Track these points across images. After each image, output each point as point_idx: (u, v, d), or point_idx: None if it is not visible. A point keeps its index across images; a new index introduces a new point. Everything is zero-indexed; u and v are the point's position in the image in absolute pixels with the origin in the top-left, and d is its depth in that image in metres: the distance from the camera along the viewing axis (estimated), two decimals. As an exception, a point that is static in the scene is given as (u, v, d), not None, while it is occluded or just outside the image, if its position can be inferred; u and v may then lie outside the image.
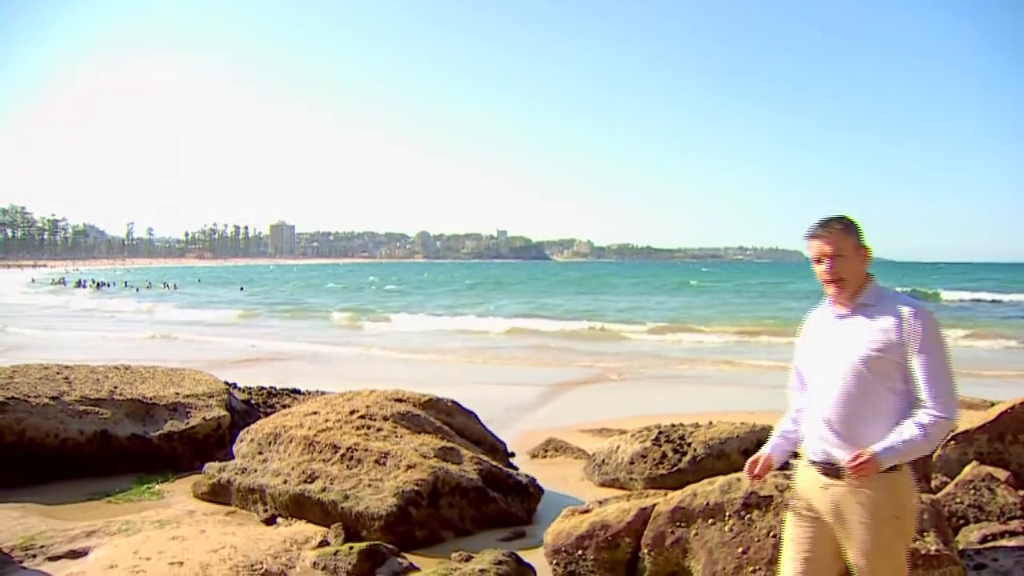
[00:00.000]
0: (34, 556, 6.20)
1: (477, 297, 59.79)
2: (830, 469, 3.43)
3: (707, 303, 50.72)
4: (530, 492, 7.45)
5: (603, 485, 8.44)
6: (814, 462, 3.51)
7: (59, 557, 6.20)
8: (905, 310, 3.38)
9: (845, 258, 3.46)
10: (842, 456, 3.37)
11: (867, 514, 3.35)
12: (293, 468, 7.19)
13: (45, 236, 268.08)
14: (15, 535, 6.65)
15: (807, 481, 3.56)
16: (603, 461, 8.63)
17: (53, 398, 8.70)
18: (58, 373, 9.87)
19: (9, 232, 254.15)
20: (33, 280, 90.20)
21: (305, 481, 7.03)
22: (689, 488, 5.05)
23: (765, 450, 3.76)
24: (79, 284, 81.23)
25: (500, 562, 5.39)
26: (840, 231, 3.48)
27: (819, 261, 3.51)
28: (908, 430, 3.29)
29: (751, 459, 3.72)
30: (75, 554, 6.25)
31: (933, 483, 6.15)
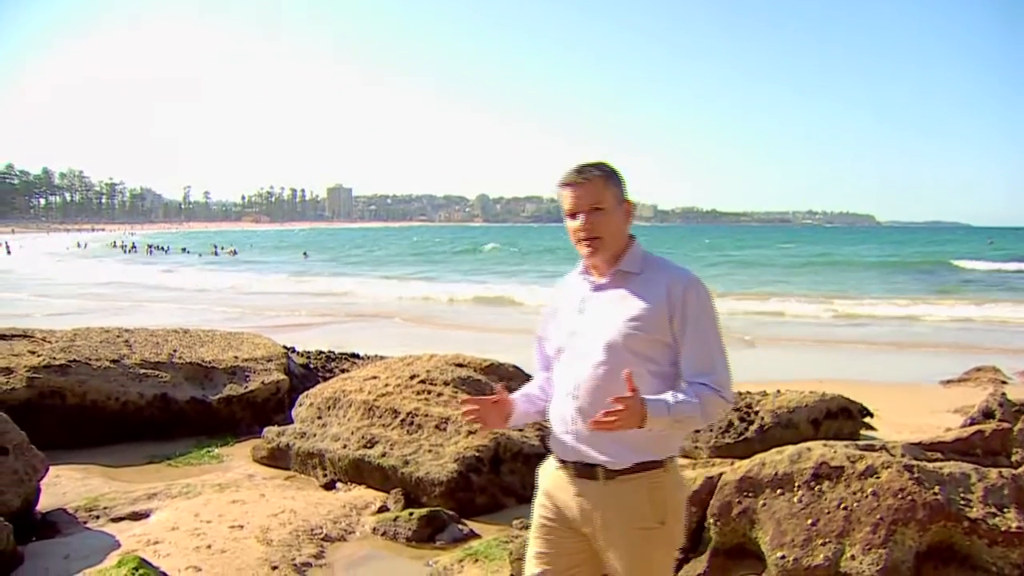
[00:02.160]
0: (97, 517, 6.36)
1: (534, 263, 59.46)
2: (583, 469, 2.96)
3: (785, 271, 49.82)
4: (593, 459, 7.44)
5: (667, 453, 8.40)
6: (564, 462, 3.04)
7: (122, 518, 6.35)
8: (673, 279, 2.95)
9: (605, 212, 2.95)
10: (597, 455, 2.92)
11: (627, 520, 2.92)
12: (352, 433, 7.26)
13: (103, 200, 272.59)
14: (79, 496, 6.81)
15: (556, 485, 3.08)
16: (667, 429, 8.59)
17: (114, 361, 8.87)
18: (118, 336, 10.06)
19: (68, 196, 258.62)
20: (80, 245, 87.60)
21: (365, 446, 7.10)
22: (757, 457, 5.00)
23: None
24: (128, 248, 79.95)
25: (562, 530, 5.39)
26: (600, 179, 2.96)
27: (573, 215, 2.96)
28: (683, 393, 2.83)
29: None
30: (137, 516, 6.40)
31: (1014, 457, 6.04)
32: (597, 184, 2.95)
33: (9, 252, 66.96)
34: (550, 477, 3.12)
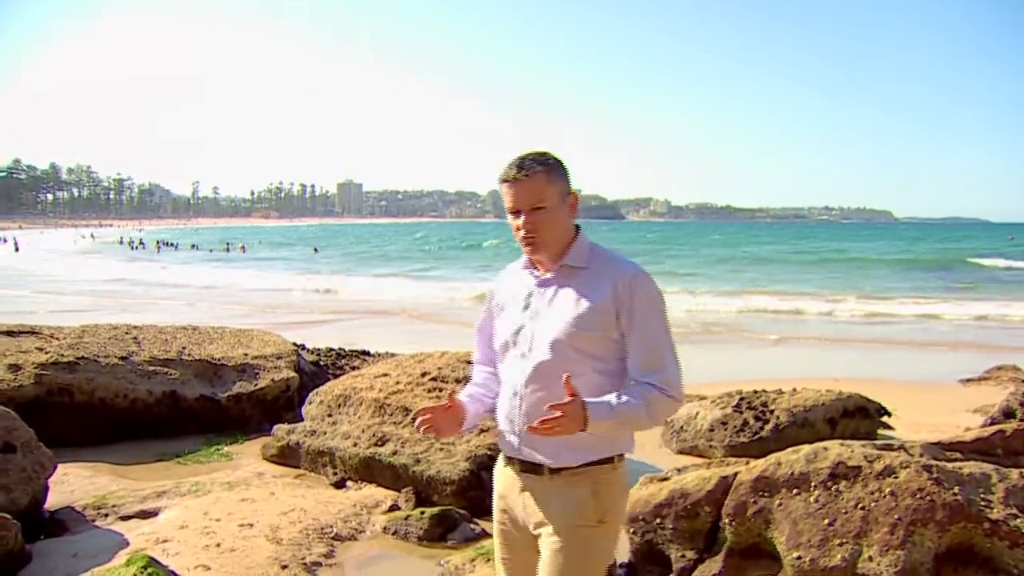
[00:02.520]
0: (106, 515, 6.37)
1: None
2: (528, 467, 2.95)
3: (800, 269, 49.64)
4: (606, 458, 7.42)
5: (681, 452, 8.40)
6: (510, 459, 3.04)
7: (130, 517, 6.36)
8: (620, 273, 2.87)
9: (548, 211, 2.84)
10: (542, 456, 2.90)
11: (566, 516, 2.88)
12: (363, 431, 7.27)
13: (111, 195, 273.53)
14: (87, 494, 6.83)
15: (505, 485, 3.08)
16: (681, 428, 8.58)
17: (122, 358, 8.90)
18: (127, 333, 10.08)
19: (75, 192, 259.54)
20: (85, 236, 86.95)
21: (375, 444, 7.10)
22: (772, 457, 4.98)
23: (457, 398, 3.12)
24: (135, 245, 79.50)
25: (575, 529, 5.39)
26: (542, 175, 2.83)
27: (515, 213, 2.85)
28: (627, 394, 2.77)
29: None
30: (146, 514, 6.41)
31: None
32: (539, 180, 2.82)
33: (17, 249, 66.90)
34: (500, 477, 3.13)
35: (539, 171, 2.82)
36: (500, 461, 3.14)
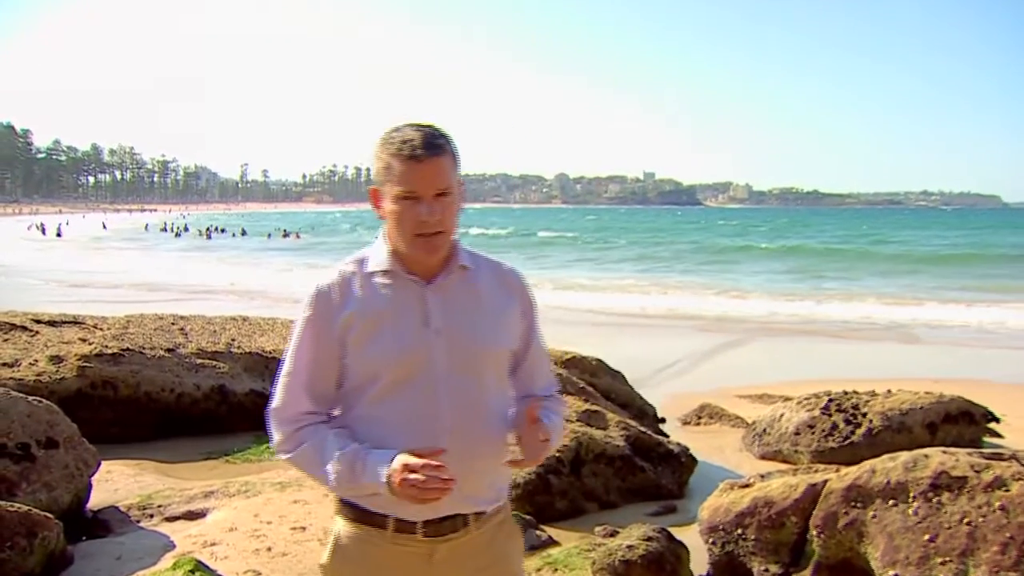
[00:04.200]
0: (151, 516, 6.45)
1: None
2: (447, 527, 2.52)
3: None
4: (682, 462, 7.40)
5: (763, 457, 8.34)
6: (404, 527, 2.50)
7: (177, 518, 6.43)
8: (509, 275, 2.67)
9: (452, 198, 2.49)
10: (476, 502, 2.56)
11: (512, 565, 2.72)
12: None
13: (155, 178, 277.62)
14: (131, 493, 6.92)
15: (388, 563, 2.55)
16: (764, 431, 8.51)
17: (169, 350, 9.01)
18: (173, 324, 10.22)
19: (118, 174, 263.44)
20: (103, 226, 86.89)
21: (435, 444, 7.10)
22: (866, 464, 4.91)
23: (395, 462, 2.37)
24: (179, 231, 78.90)
25: (649, 538, 5.35)
26: (451, 155, 2.48)
27: (412, 199, 2.43)
28: (551, 410, 2.63)
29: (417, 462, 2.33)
30: (193, 515, 6.47)
31: None
32: (447, 160, 2.47)
33: (60, 234, 67.89)
34: (376, 561, 2.57)
35: (447, 148, 2.47)
36: (352, 538, 2.59)
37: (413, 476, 2.27)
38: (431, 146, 2.42)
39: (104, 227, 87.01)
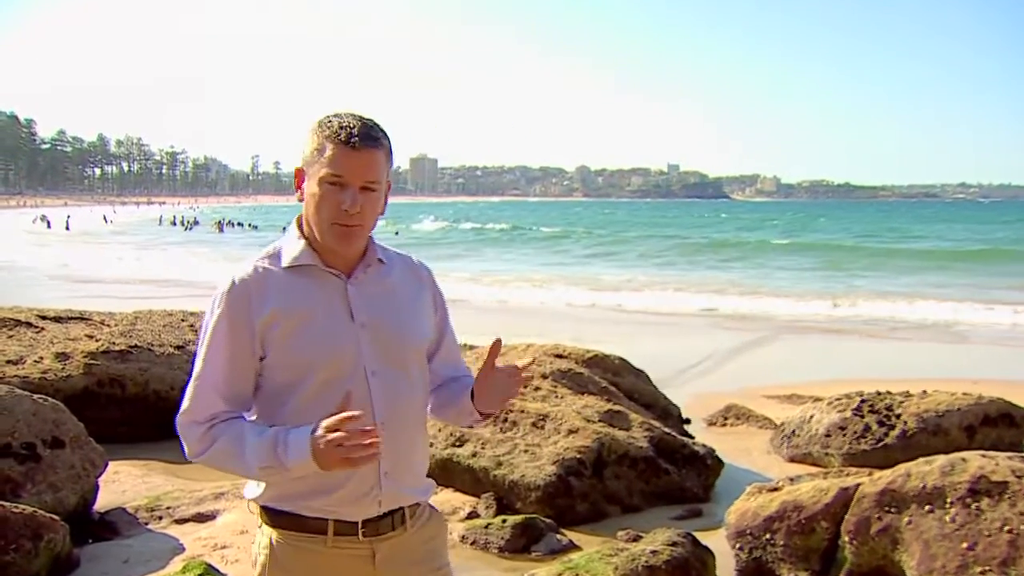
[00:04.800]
0: (160, 518, 6.47)
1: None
2: (386, 525, 2.57)
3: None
4: (708, 465, 7.37)
5: (792, 460, 8.30)
6: (343, 528, 2.52)
7: (186, 520, 6.45)
8: (417, 266, 2.75)
9: (377, 194, 2.50)
10: (411, 493, 2.62)
11: (441, 559, 2.77)
12: (440, 429, 7.28)
13: (163, 170, 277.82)
14: (140, 494, 6.95)
15: (330, 569, 2.53)
16: (793, 432, 8.47)
17: (178, 347, 9.05)
18: (183, 320, 10.25)
19: (125, 166, 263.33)
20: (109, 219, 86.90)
21: (453, 445, 7.12)
22: (901, 467, 4.89)
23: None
24: (188, 225, 77.68)
25: (674, 543, 5.34)
26: (385, 149, 2.51)
27: (338, 185, 2.42)
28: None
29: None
30: (203, 517, 6.50)
31: None
32: (381, 155, 2.49)
33: (68, 228, 67.89)
34: (314, 571, 2.54)
35: (384, 144, 2.50)
36: (288, 548, 2.53)
37: (336, 435, 2.25)
38: (368, 137, 2.44)
39: (106, 220, 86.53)
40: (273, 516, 2.54)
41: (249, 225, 77.78)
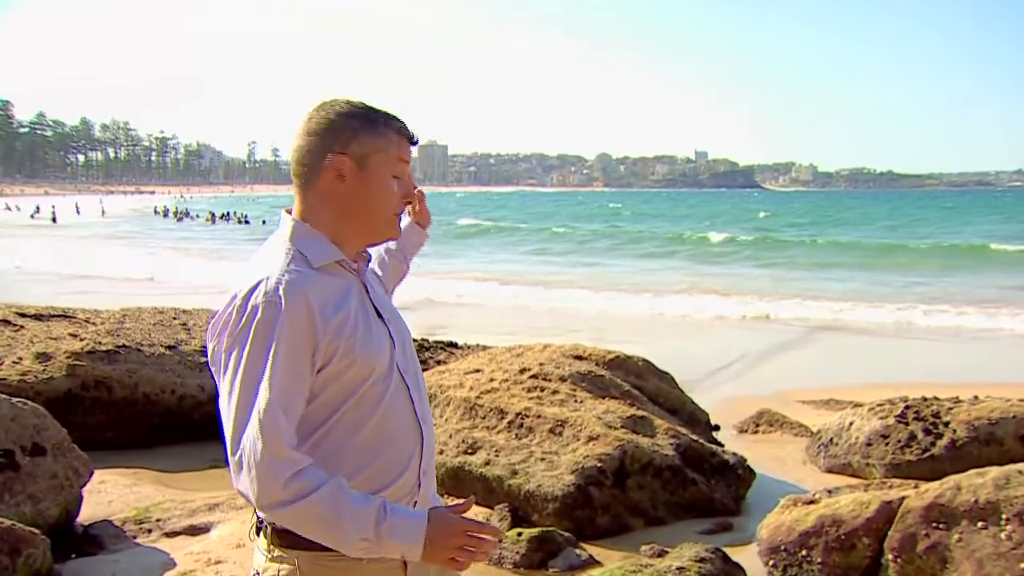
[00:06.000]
0: (149, 531, 6.48)
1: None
2: None
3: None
4: (739, 475, 7.36)
5: (830, 471, 8.27)
6: None
7: (178, 533, 6.46)
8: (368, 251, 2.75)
9: None
10: (429, 500, 2.64)
11: None
12: (451, 436, 7.29)
13: (153, 157, 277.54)
14: (127, 505, 6.96)
15: None
16: (831, 440, 8.44)
17: (170, 347, 9.05)
18: (175, 318, 10.26)
19: (111, 152, 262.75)
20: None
21: (465, 452, 7.12)
22: (950, 480, 4.86)
23: None
24: (179, 215, 76.59)
25: (702, 559, 5.33)
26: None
27: (401, 178, 2.57)
28: None
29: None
30: (196, 530, 6.50)
31: None
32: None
33: (55, 220, 67.75)
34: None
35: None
36: (319, 568, 2.42)
37: (469, 539, 2.30)
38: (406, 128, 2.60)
39: (78, 211, 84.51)
40: (300, 538, 2.36)
41: (238, 218, 73.32)
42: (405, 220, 3.22)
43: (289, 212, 2.56)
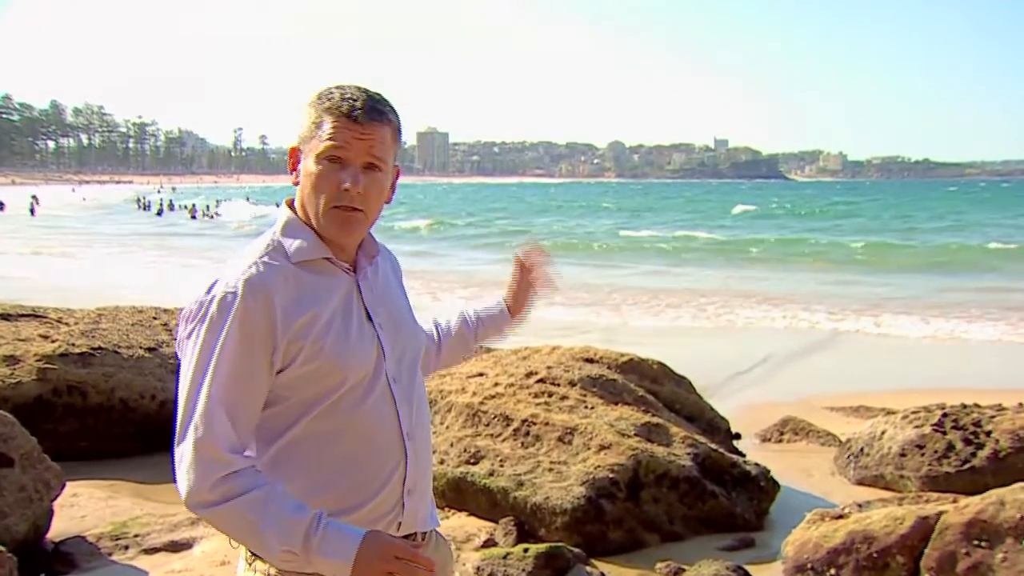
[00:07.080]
0: (126, 548, 6.47)
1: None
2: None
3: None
4: (761, 487, 7.35)
5: (861, 483, 8.27)
6: None
7: (157, 549, 6.46)
8: (392, 255, 2.82)
9: (383, 174, 2.52)
10: (431, 516, 2.74)
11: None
12: (452, 444, 7.29)
13: (130, 144, 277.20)
14: (103, 520, 6.95)
15: None
16: (861, 450, 8.44)
17: (150, 349, 9.05)
18: (155, 318, 10.25)
19: (84, 139, 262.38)
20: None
21: (467, 461, 7.12)
22: (992, 494, 4.85)
23: None
24: (159, 209, 75.18)
25: (723, 579, 5.33)
26: (393, 126, 2.53)
27: (339, 162, 2.42)
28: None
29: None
30: (177, 546, 6.50)
31: None
32: (387, 133, 2.50)
33: (33, 213, 67.40)
34: None
35: (391, 120, 2.52)
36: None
37: (399, 564, 2.28)
38: (373, 110, 2.44)
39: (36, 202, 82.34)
40: None
41: (205, 213, 70.74)
42: (496, 298, 3.21)
43: (290, 204, 2.56)
